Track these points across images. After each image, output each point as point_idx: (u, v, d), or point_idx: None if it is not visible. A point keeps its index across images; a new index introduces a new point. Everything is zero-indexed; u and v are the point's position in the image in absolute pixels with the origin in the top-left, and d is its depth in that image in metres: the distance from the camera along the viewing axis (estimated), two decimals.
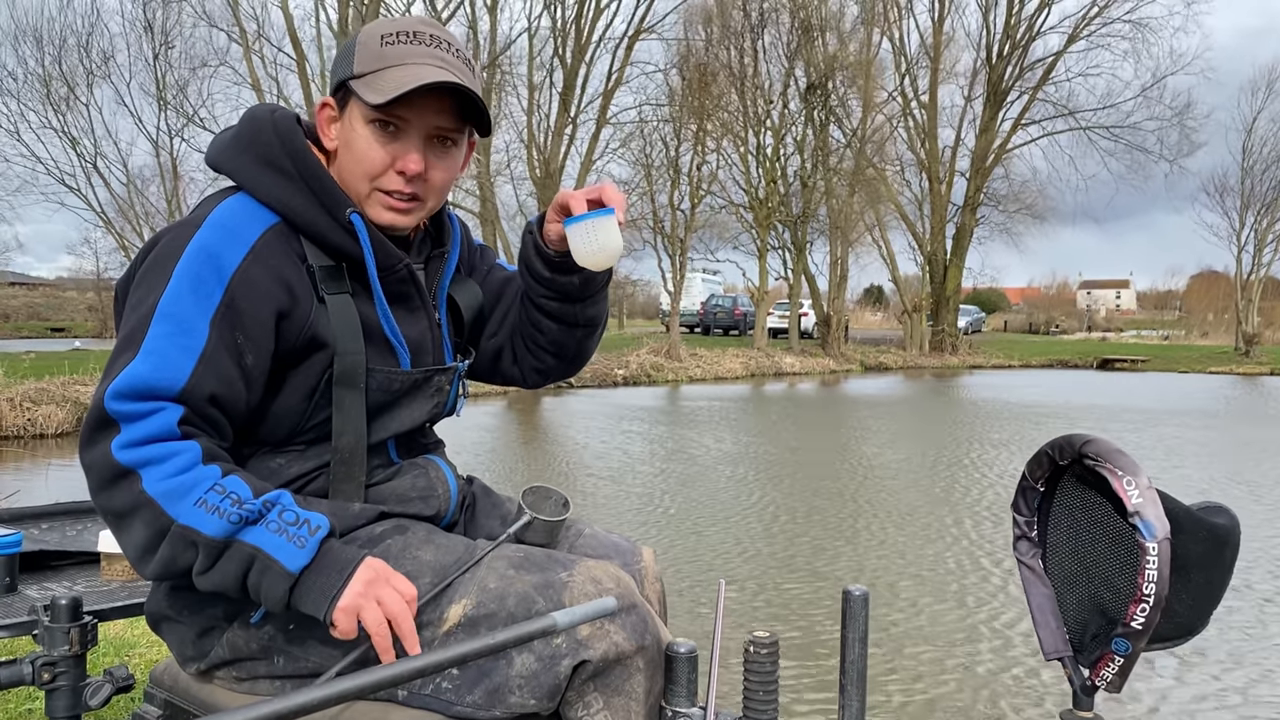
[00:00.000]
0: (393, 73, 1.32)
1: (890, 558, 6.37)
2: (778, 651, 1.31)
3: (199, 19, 22.08)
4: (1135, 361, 33.19)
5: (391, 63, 1.33)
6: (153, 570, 1.21)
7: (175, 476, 1.18)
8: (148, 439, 1.19)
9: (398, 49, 1.34)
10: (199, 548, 1.18)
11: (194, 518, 1.17)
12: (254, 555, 1.18)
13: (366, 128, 1.35)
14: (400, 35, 1.35)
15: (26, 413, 12.54)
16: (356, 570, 1.21)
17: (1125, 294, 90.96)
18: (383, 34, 1.35)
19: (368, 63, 1.34)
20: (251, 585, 1.20)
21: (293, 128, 1.38)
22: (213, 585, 1.20)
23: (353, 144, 1.37)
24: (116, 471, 1.18)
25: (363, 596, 1.19)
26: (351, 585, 1.20)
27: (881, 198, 31.55)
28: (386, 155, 1.36)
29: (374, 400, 1.40)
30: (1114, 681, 1.24)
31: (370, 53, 1.35)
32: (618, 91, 25.84)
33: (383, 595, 1.20)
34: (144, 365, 1.20)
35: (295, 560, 1.19)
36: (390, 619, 1.20)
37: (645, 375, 22.96)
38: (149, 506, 1.18)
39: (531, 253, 1.51)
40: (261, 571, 1.19)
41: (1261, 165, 34.77)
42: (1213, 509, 1.25)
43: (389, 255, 1.39)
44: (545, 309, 1.55)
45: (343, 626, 1.19)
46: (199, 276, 1.25)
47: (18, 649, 2.95)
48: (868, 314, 63.26)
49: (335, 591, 1.19)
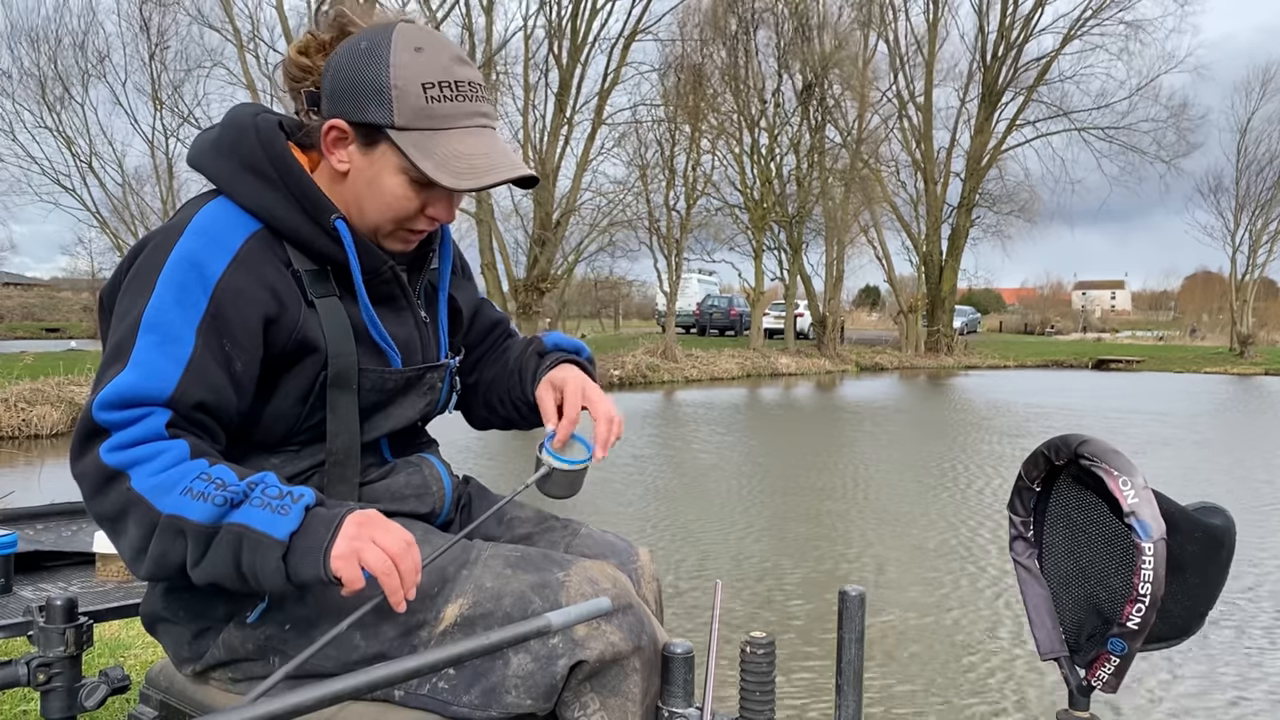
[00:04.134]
0: (450, 142, 1.30)
1: (886, 557, 6.37)
2: (774, 652, 1.31)
3: (194, 19, 22.06)
4: (1130, 362, 33.27)
5: (440, 124, 1.30)
6: (147, 569, 1.19)
7: (163, 472, 1.17)
8: (135, 441, 1.18)
9: (444, 107, 1.30)
10: (187, 537, 1.15)
11: (180, 506, 1.15)
12: (241, 534, 1.15)
13: (401, 177, 1.33)
14: (444, 88, 1.30)
15: (21, 413, 12.51)
16: (345, 519, 1.17)
17: (1120, 294, 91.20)
18: (424, 83, 1.29)
19: (411, 117, 1.29)
20: (247, 569, 1.16)
21: (274, 133, 1.36)
22: (209, 577, 1.18)
23: (380, 188, 1.34)
24: (106, 474, 1.17)
25: (357, 540, 1.15)
26: (343, 532, 1.16)
27: (877, 198, 31.59)
28: (420, 204, 1.35)
29: (367, 400, 1.40)
30: (1110, 681, 1.25)
31: (412, 106, 1.29)
32: (613, 92, 25.85)
33: (378, 536, 1.16)
34: (131, 375, 1.20)
35: (281, 527, 1.15)
36: (392, 559, 1.15)
37: (641, 376, 22.96)
38: (138, 504, 1.16)
39: (529, 384, 1.57)
40: (253, 550, 1.15)
41: (1256, 166, 34.89)
42: (1208, 509, 1.25)
43: (373, 259, 1.39)
44: (509, 413, 1.64)
45: (346, 575, 1.14)
46: (183, 285, 1.24)
47: (13, 650, 2.94)
48: (863, 315, 63.31)
49: (327, 543, 1.15)
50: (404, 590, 1.16)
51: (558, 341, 1.63)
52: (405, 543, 1.17)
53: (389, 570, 1.14)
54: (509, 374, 1.62)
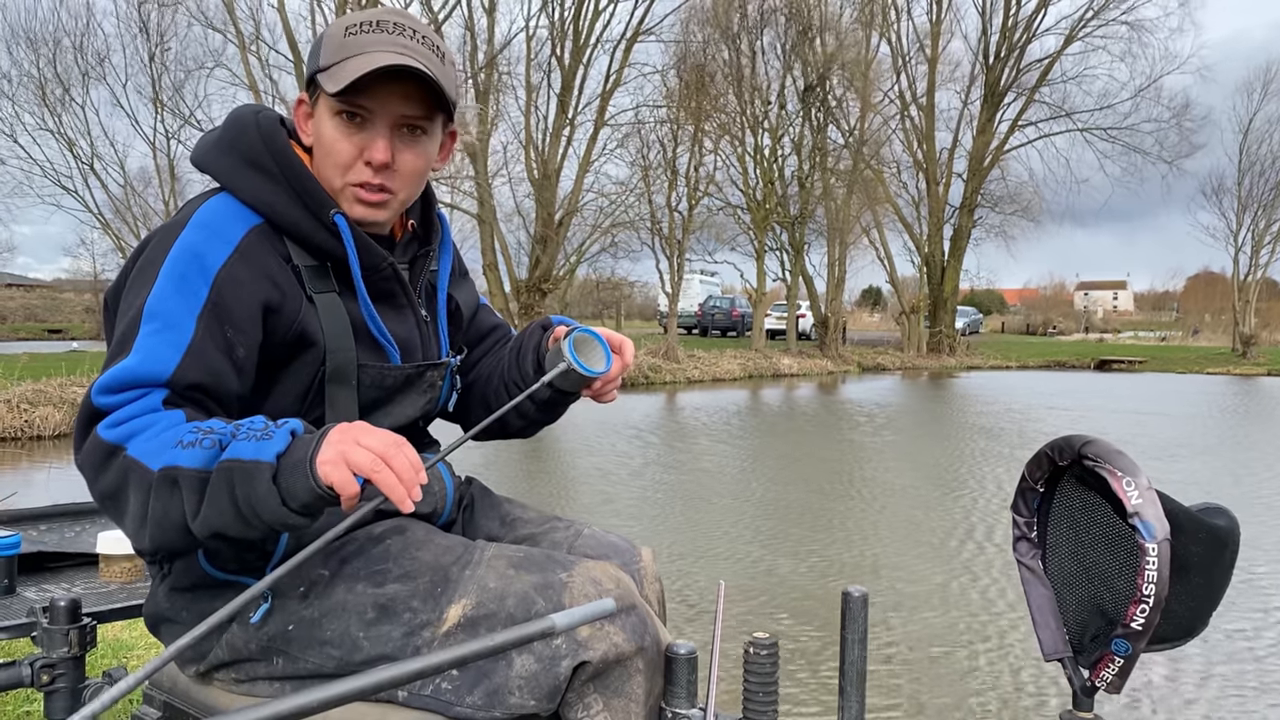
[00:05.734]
0: (353, 61, 1.32)
1: (888, 558, 6.37)
2: (777, 653, 1.31)
3: (194, 20, 22.08)
4: (1133, 363, 33.24)
5: (352, 52, 1.33)
6: (150, 536, 1.17)
7: (158, 436, 1.17)
8: (132, 415, 1.19)
9: (360, 38, 1.34)
10: (182, 486, 1.14)
11: (173, 457, 1.14)
12: (232, 468, 1.12)
13: (333, 120, 1.35)
14: (364, 25, 1.35)
15: (24, 414, 12.52)
16: (328, 431, 1.15)
17: (1123, 295, 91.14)
18: (347, 25, 1.36)
19: (332, 54, 1.35)
20: (244, 504, 1.12)
21: (275, 128, 1.38)
22: (210, 526, 1.14)
23: (322, 137, 1.37)
24: (105, 450, 1.18)
25: (342, 444, 1.12)
26: (327, 440, 1.13)
27: (879, 199, 31.58)
28: (353, 146, 1.36)
29: (367, 397, 1.40)
30: (1114, 682, 1.25)
31: (335, 44, 1.35)
32: (615, 93, 25.85)
33: (363, 438, 1.12)
34: (131, 360, 1.21)
35: (267, 450, 1.12)
36: (381, 457, 1.11)
37: (643, 377, 22.95)
38: (134, 469, 1.16)
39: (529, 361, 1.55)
40: (245, 481, 1.12)
41: (1259, 167, 34.85)
42: (1212, 510, 1.25)
43: (373, 255, 1.39)
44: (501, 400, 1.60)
45: (337, 479, 1.10)
46: (184, 276, 1.26)
47: (16, 651, 2.94)
48: (865, 315, 63.32)
49: (312, 452, 1.12)
50: (405, 488, 1.11)
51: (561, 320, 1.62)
52: (394, 442, 1.14)
53: (378, 467, 1.10)
54: (509, 356, 1.60)
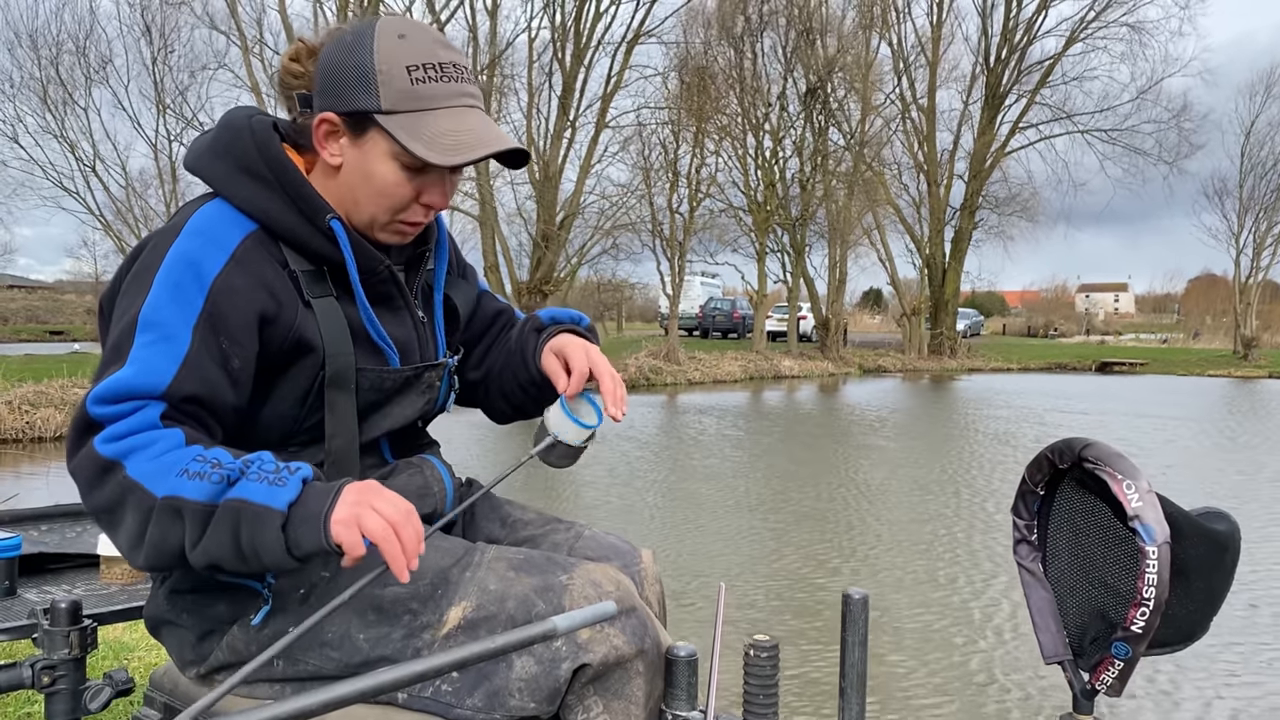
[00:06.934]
0: (437, 122, 1.30)
1: (889, 560, 6.37)
2: (778, 655, 1.31)
3: (198, 22, 22.09)
4: (1134, 365, 33.21)
5: (426, 105, 1.30)
6: (145, 557, 1.17)
7: (158, 458, 1.16)
8: (130, 431, 1.18)
9: (430, 88, 1.30)
10: (185, 517, 1.14)
11: (177, 487, 1.14)
12: (239, 509, 1.13)
13: (392, 163, 1.33)
14: (429, 70, 1.31)
15: (25, 416, 12.54)
16: (344, 488, 1.16)
17: (1124, 297, 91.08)
18: (409, 67, 1.30)
19: (397, 100, 1.30)
20: (246, 544, 1.14)
21: (270, 134, 1.36)
22: (208, 557, 1.15)
23: (372, 176, 1.34)
24: (101, 465, 1.17)
25: (357, 505, 1.14)
26: (343, 498, 1.15)
27: (880, 200, 31.57)
28: (413, 191, 1.36)
29: (365, 400, 1.40)
30: (1114, 685, 1.25)
31: (398, 89, 1.30)
32: (617, 95, 25.86)
33: (377, 503, 1.14)
34: (127, 371, 1.20)
35: (279, 498, 1.13)
36: (393, 526, 1.14)
37: (644, 378, 22.95)
38: (134, 490, 1.15)
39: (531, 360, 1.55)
40: (252, 523, 1.13)
41: (1260, 169, 34.83)
42: (1213, 514, 1.25)
43: (370, 259, 1.39)
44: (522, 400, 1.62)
45: (347, 540, 1.12)
46: (179, 284, 1.24)
47: (17, 652, 2.94)
48: (866, 317, 63.29)
49: (326, 509, 1.13)
50: (406, 559, 1.14)
51: (554, 315, 1.62)
52: (406, 511, 1.16)
53: (389, 537, 1.12)
54: (512, 357, 1.61)
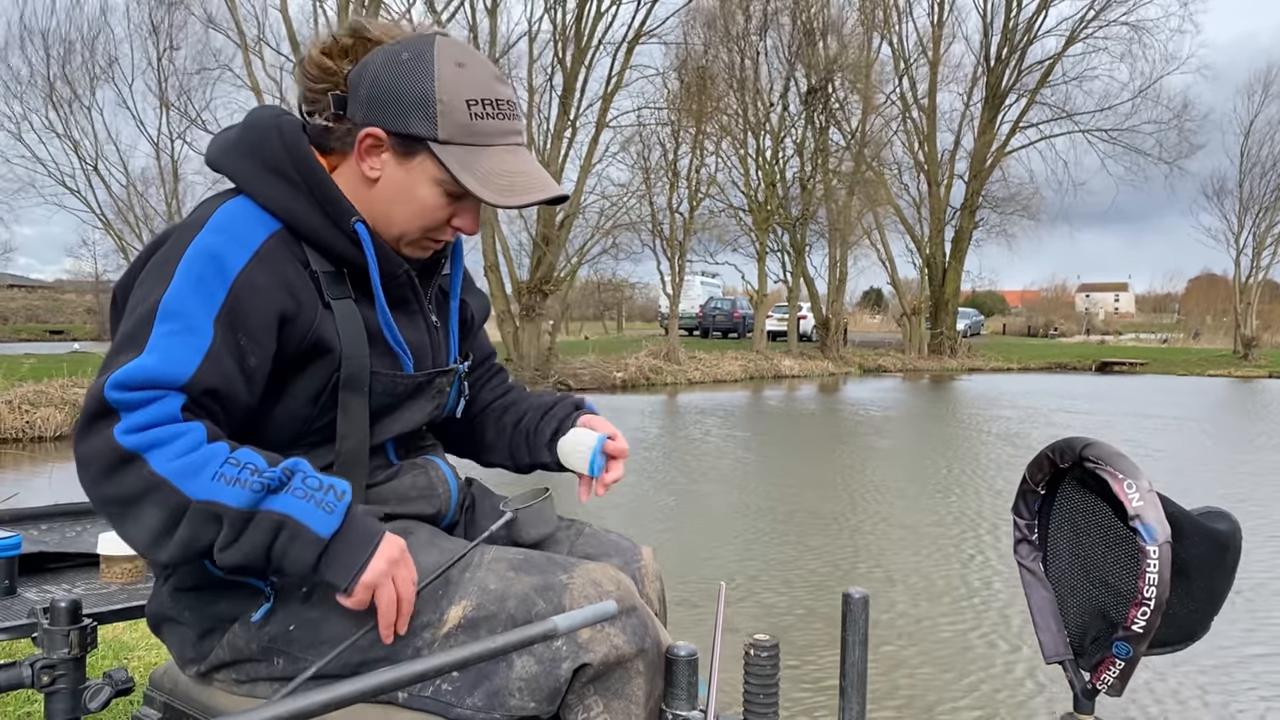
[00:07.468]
0: (490, 160, 1.33)
1: (889, 560, 6.37)
2: (778, 655, 1.31)
3: (201, 22, 22.10)
4: (1134, 365, 33.21)
5: (481, 140, 1.33)
6: (170, 553, 1.18)
7: (185, 455, 1.17)
8: (151, 423, 1.17)
9: (485, 124, 1.33)
10: (223, 521, 1.16)
11: (214, 491, 1.16)
12: (282, 522, 1.18)
13: (436, 188, 1.35)
14: (486, 106, 1.33)
15: (25, 415, 12.55)
16: (380, 545, 1.22)
17: (1124, 297, 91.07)
18: (468, 100, 1.32)
19: (454, 132, 1.31)
20: (276, 553, 1.19)
21: (299, 136, 1.37)
22: (234, 560, 1.19)
23: (412, 197, 1.36)
24: (120, 456, 1.16)
25: (384, 575, 1.21)
26: (376, 560, 1.21)
27: (880, 200, 31.56)
28: (449, 214, 1.39)
29: (377, 403, 1.40)
30: (1115, 685, 1.24)
31: (456, 121, 1.31)
32: (617, 95, 25.84)
33: (399, 575, 1.23)
34: (148, 359, 1.19)
35: (326, 525, 1.19)
36: (400, 601, 1.23)
37: (644, 378, 22.95)
38: (161, 488, 1.16)
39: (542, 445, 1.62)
40: (290, 538, 1.18)
41: (1260, 169, 34.82)
42: (1214, 514, 1.25)
43: (391, 263, 1.40)
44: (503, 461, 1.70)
45: (359, 599, 1.21)
46: (202, 277, 1.25)
47: (17, 652, 2.94)
48: (866, 317, 63.29)
49: (361, 564, 1.20)
50: (394, 628, 1.24)
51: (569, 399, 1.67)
52: (414, 583, 1.25)
53: (393, 609, 1.23)
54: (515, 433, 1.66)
